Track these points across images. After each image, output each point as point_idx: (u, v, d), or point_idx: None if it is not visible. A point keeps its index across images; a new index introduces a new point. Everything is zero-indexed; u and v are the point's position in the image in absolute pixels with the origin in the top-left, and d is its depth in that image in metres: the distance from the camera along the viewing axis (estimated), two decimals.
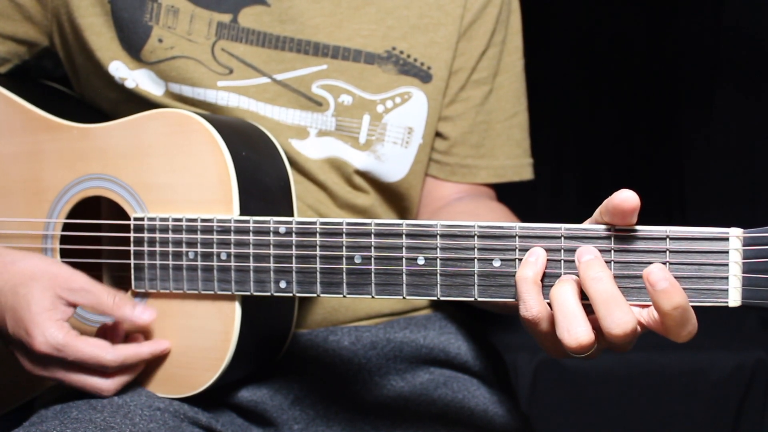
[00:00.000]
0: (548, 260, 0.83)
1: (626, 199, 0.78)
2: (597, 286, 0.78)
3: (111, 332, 1.03)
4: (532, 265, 0.82)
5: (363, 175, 1.17)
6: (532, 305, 0.81)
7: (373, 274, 0.90)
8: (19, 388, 1.14)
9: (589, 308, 0.79)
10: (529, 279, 0.81)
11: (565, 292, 0.80)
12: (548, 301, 0.82)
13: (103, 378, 0.99)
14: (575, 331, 0.78)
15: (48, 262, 1.00)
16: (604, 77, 2.23)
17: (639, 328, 0.81)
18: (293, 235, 0.93)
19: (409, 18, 1.15)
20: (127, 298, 1.00)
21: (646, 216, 0.82)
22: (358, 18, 1.13)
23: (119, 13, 1.11)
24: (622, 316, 0.77)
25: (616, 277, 0.81)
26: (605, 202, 0.80)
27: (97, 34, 1.12)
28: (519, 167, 1.25)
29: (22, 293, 0.97)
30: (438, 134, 1.21)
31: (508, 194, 1.29)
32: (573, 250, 0.82)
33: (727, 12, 2.14)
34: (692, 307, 0.79)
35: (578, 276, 0.80)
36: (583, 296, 0.80)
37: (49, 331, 0.95)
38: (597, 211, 0.82)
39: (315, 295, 0.93)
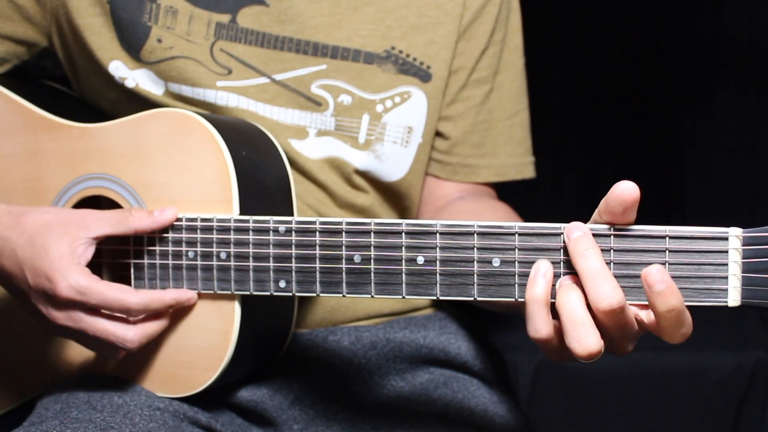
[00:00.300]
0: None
1: (626, 190, 0.78)
2: (585, 261, 0.79)
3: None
4: (541, 283, 0.81)
5: (363, 174, 1.17)
6: (541, 327, 0.81)
7: (372, 274, 0.90)
8: (18, 388, 1.14)
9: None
10: (542, 300, 0.81)
11: (572, 300, 0.79)
12: (553, 300, 0.82)
13: (126, 325, 0.97)
14: (585, 341, 0.78)
15: (57, 209, 1.00)
16: (604, 77, 2.23)
17: (636, 326, 0.81)
18: (293, 234, 0.93)
19: (408, 18, 1.15)
20: (139, 208, 1.00)
21: (646, 215, 0.82)
22: (357, 18, 1.13)
23: (118, 14, 1.11)
24: (609, 290, 0.77)
25: (615, 276, 0.81)
26: (605, 198, 0.80)
27: (97, 34, 1.12)
28: (521, 166, 1.25)
29: (39, 242, 0.96)
30: (439, 134, 1.21)
31: (508, 193, 1.29)
32: None
33: (727, 12, 2.14)
34: (692, 306, 0.79)
35: (568, 252, 0.80)
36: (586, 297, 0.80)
37: (71, 275, 0.94)
38: (596, 211, 0.82)
39: (314, 294, 0.93)
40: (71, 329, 0.98)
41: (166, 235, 0.99)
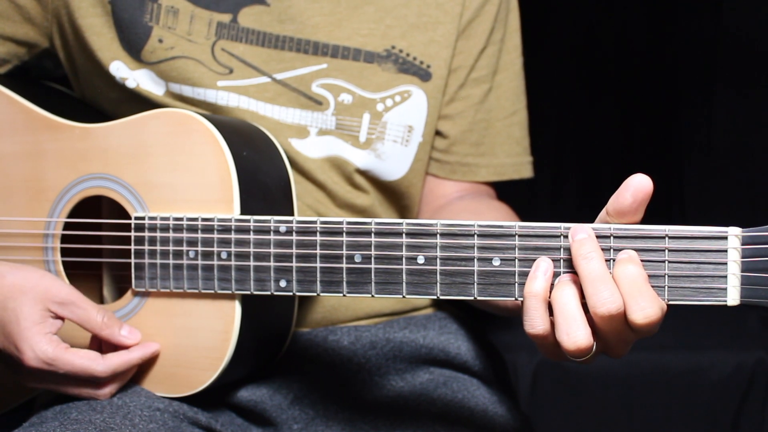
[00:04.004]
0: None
1: (641, 182, 0.78)
2: (587, 264, 0.79)
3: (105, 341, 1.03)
4: (541, 279, 0.82)
5: (363, 173, 1.17)
6: (537, 322, 0.81)
7: (372, 273, 0.90)
8: (18, 388, 1.15)
9: (585, 307, 0.80)
10: (540, 295, 0.81)
11: (566, 294, 0.80)
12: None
13: (96, 388, 0.99)
14: (575, 335, 0.78)
15: (39, 274, 1.00)
16: (604, 77, 2.23)
17: (633, 332, 0.81)
18: (293, 234, 0.93)
19: (408, 17, 1.15)
20: (115, 318, 1.00)
21: (646, 215, 0.82)
22: (357, 17, 1.14)
23: (119, 14, 1.11)
24: (608, 296, 0.77)
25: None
26: (615, 194, 0.79)
27: (98, 34, 1.12)
28: (519, 165, 1.25)
29: (11, 307, 0.97)
30: (438, 133, 1.21)
31: (507, 194, 1.29)
32: None
33: (727, 12, 2.14)
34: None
35: (570, 254, 0.81)
36: (583, 296, 0.80)
37: (39, 345, 0.96)
38: (603, 210, 0.82)
39: (315, 294, 0.93)
40: (41, 387, 1.01)
41: (167, 234, 1.00)
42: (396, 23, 1.15)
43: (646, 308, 0.77)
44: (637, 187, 0.78)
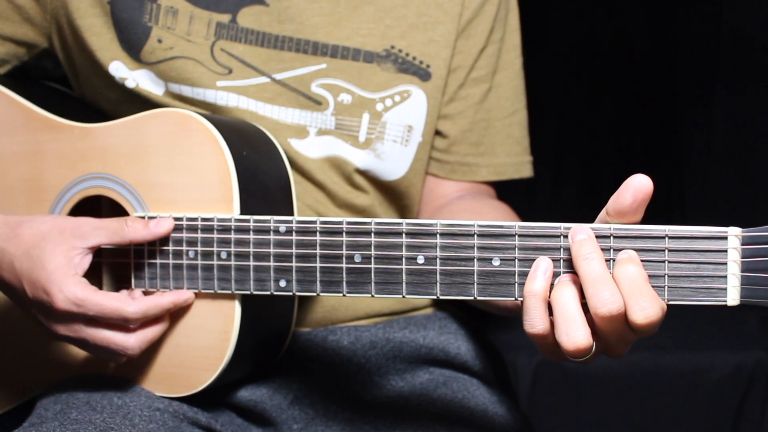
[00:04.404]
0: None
1: (641, 182, 0.78)
2: (587, 265, 0.79)
3: None
4: (541, 279, 0.82)
5: (363, 173, 1.17)
6: (536, 321, 0.81)
7: (372, 273, 0.90)
8: (18, 388, 1.15)
9: (585, 307, 0.80)
10: (539, 295, 0.81)
11: (566, 295, 0.80)
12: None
13: (126, 333, 0.97)
14: (574, 335, 0.78)
15: (53, 218, 1.00)
16: (604, 76, 2.23)
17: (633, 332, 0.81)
18: (293, 234, 0.93)
19: (408, 17, 1.15)
20: (135, 218, 0.99)
21: (646, 215, 0.82)
22: (356, 17, 1.14)
23: (119, 14, 1.11)
24: (609, 297, 0.77)
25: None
26: (615, 194, 0.80)
27: (97, 34, 1.12)
28: (519, 165, 1.25)
29: (36, 254, 0.96)
30: (438, 132, 1.22)
31: (507, 194, 1.29)
32: None
33: (727, 13, 2.14)
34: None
35: (570, 254, 0.81)
36: (582, 296, 0.80)
37: (68, 287, 0.95)
38: (603, 210, 0.82)
39: (315, 294, 0.93)
40: (72, 338, 0.98)
41: None
42: (395, 23, 1.15)
43: (646, 308, 0.77)
44: (637, 187, 0.78)
